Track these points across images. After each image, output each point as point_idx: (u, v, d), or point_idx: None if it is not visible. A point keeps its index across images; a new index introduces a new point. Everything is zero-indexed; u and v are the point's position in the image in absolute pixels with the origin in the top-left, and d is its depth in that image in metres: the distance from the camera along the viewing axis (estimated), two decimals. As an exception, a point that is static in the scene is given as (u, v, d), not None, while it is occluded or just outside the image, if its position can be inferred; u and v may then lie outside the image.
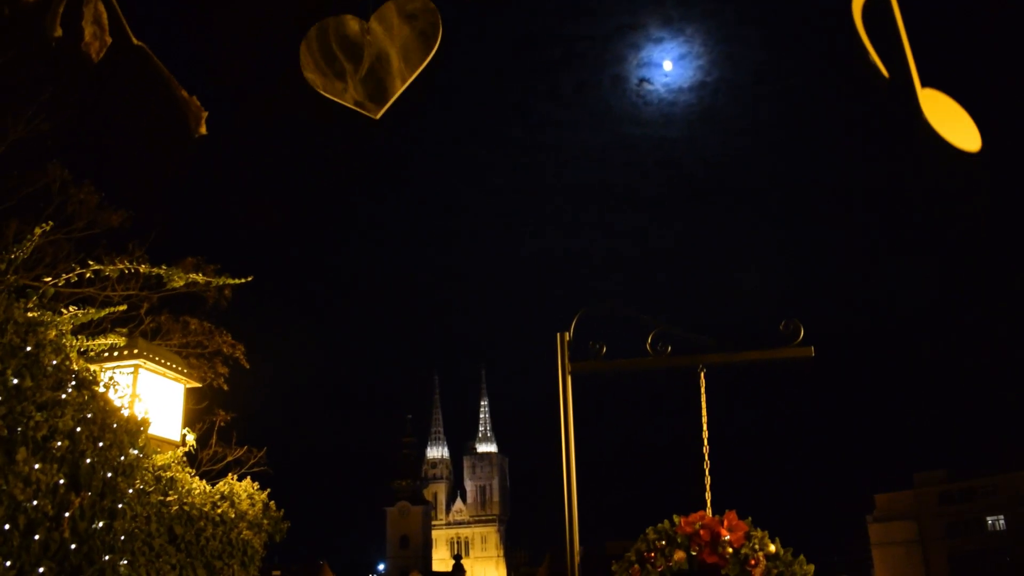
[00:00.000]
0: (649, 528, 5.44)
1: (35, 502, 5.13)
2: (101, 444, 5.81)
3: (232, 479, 8.22)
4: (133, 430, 6.25)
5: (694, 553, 5.39)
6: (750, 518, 5.44)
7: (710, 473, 5.63)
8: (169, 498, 7.16)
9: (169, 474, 7.45)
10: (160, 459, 7.36)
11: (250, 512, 8.03)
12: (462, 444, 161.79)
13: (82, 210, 12.23)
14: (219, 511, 7.66)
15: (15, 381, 5.12)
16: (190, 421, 8.38)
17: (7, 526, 4.94)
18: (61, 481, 5.36)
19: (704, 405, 5.79)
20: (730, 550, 5.34)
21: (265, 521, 8.26)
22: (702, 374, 5.80)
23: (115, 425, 6.06)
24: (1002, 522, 75.21)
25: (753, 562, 5.31)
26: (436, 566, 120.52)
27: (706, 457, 5.65)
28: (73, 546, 5.50)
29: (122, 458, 6.03)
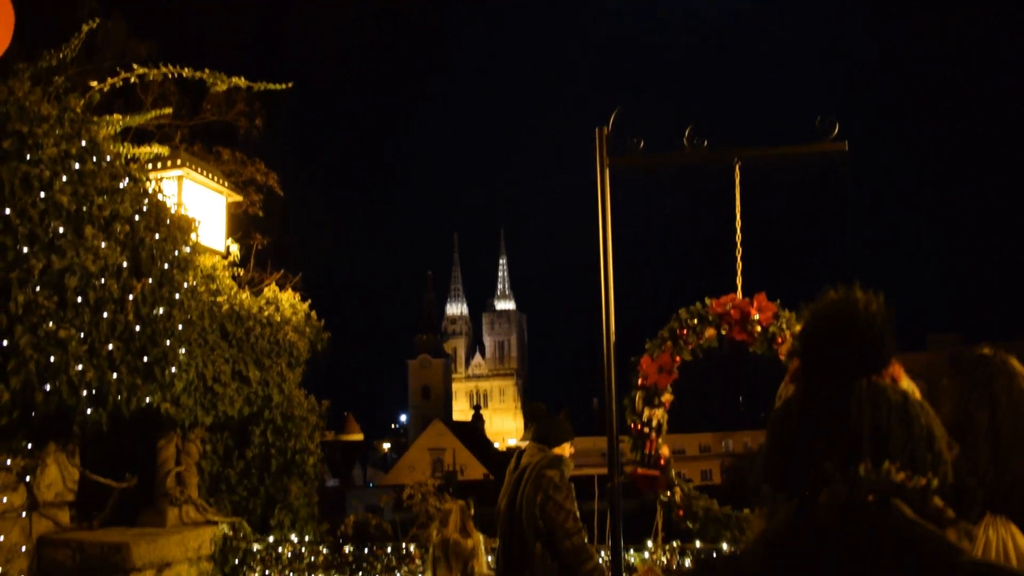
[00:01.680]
0: (682, 309, 5.71)
1: (103, 280, 5.44)
2: (157, 236, 6.08)
3: (274, 287, 8.57)
4: (184, 227, 6.52)
5: (724, 332, 5.68)
6: (779, 300, 5.68)
7: (742, 260, 5.85)
8: (219, 298, 7.50)
9: (216, 278, 7.76)
10: (207, 260, 7.66)
11: (293, 319, 8.40)
12: (481, 301, 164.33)
13: (111, 41, 12.19)
14: (265, 314, 8.02)
15: (77, 166, 5.34)
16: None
17: (79, 299, 5.26)
18: (124, 264, 5.66)
19: (738, 198, 5.96)
20: (758, 329, 5.62)
21: (308, 329, 8.64)
22: (737, 167, 5.95)
23: (168, 221, 6.32)
24: (1012, 381, 76.44)
25: (780, 340, 5.59)
26: (456, 416, 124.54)
27: (738, 245, 5.86)
28: (137, 328, 5.86)
29: (176, 253, 6.31)
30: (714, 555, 5.51)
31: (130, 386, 5.91)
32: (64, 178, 5.16)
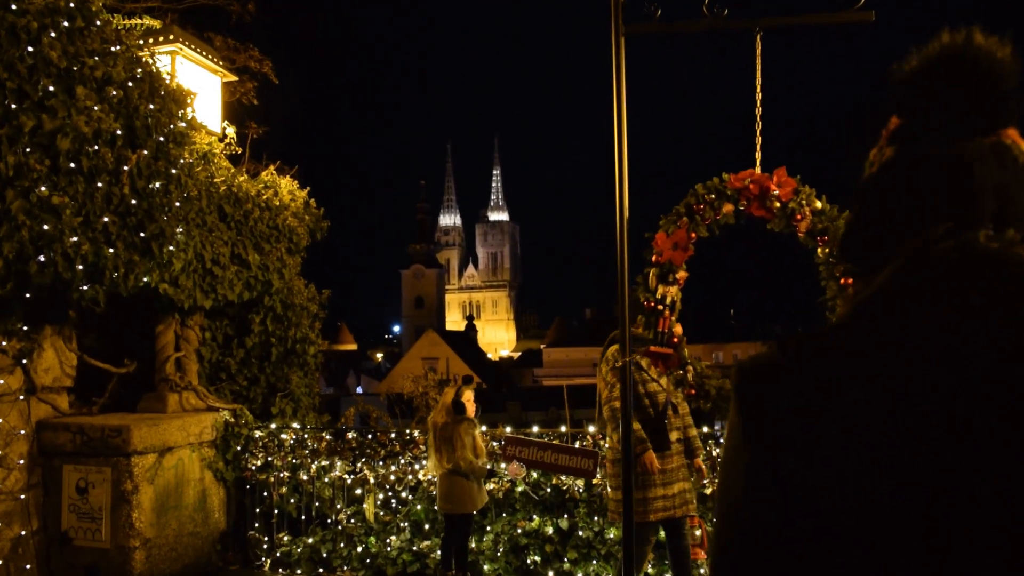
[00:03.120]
0: (698, 184, 5.50)
1: (96, 147, 5.20)
2: (152, 106, 5.81)
3: (272, 170, 8.31)
4: (180, 100, 6.23)
5: (742, 207, 5.49)
6: (799, 176, 5.48)
7: (761, 135, 5.62)
8: (217, 179, 7.27)
9: (212, 160, 7.51)
10: (203, 139, 7.40)
11: (292, 205, 8.17)
12: (474, 213, 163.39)
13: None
14: (264, 198, 7.80)
15: (66, 23, 5.04)
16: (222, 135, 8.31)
17: (72, 165, 5.03)
18: (118, 132, 5.41)
19: (759, 69, 5.71)
20: (777, 204, 5.42)
21: (307, 216, 8.42)
22: (758, 37, 5.68)
23: (163, 92, 6.04)
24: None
25: (799, 216, 5.41)
26: (449, 327, 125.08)
27: (758, 118, 5.63)
28: (133, 201, 5.64)
29: (171, 126, 6.05)
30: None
31: (127, 262, 5.72)
32: (53, 34, 4.86)
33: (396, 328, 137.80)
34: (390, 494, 7.32)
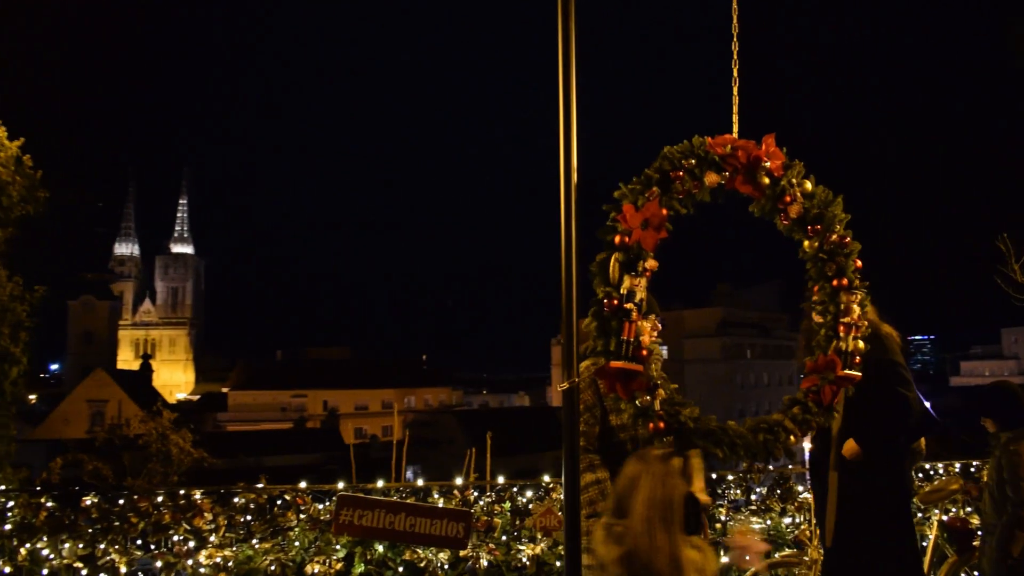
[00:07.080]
0: (667, 146, 3.98)
1: None
2: None
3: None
4: None
5: (722, 181, 4.05)
6: (785, 148, 4.17)
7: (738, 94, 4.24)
8: None
9: None
10: None
11: (0, 154, 5.62)
12: (155, 243, 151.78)
13: None
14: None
15: None
16: None
17: None
18: None
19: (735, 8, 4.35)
20: (767, 180, 4.07)
21: (19, 177, 5.86)
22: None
23: None
24: None
25: (788, 198, 4.09)
26: (120, 366, 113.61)
27: (735, 71, 4.25)
28: None
29: None
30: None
31: None
32: None
33: (54, 366, 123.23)
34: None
